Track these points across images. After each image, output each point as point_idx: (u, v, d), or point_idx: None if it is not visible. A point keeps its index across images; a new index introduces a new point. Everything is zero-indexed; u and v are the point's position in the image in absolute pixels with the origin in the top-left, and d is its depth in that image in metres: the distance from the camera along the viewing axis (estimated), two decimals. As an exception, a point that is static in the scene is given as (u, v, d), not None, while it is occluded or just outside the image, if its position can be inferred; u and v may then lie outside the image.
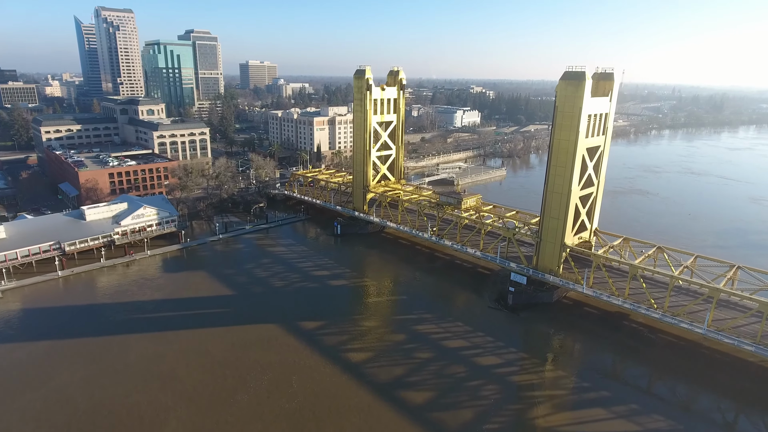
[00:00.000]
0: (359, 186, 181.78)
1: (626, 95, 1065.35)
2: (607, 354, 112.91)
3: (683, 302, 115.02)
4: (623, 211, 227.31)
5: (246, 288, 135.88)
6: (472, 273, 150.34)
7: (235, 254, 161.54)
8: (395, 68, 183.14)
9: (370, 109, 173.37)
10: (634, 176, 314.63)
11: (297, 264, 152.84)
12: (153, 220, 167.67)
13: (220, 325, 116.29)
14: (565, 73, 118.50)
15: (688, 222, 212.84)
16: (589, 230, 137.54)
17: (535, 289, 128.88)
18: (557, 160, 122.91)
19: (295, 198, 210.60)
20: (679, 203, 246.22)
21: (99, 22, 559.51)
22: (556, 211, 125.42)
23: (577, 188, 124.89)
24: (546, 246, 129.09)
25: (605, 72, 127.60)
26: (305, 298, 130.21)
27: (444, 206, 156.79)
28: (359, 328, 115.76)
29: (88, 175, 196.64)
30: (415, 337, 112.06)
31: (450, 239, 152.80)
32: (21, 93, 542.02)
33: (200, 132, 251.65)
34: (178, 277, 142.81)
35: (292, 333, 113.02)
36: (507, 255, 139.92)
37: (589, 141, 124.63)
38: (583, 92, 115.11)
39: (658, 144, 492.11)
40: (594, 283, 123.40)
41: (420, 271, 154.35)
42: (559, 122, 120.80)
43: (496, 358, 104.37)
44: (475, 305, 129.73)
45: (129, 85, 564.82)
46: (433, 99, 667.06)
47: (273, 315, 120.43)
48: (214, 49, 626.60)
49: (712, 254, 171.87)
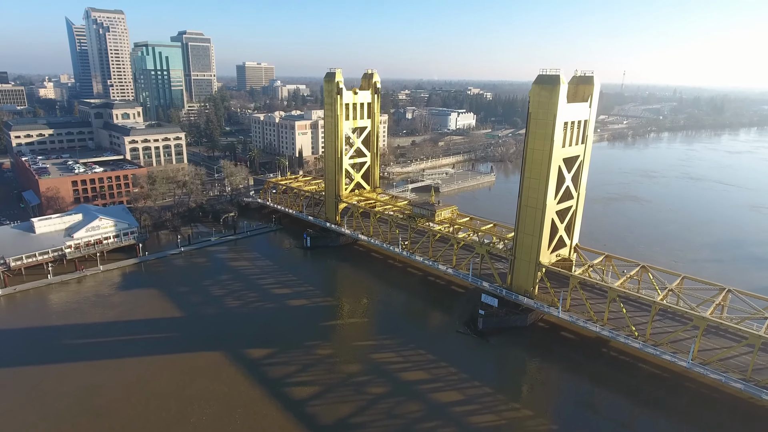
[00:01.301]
0: (331, 195, 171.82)
1: (627, 96, 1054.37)
2: (585, 385, 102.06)
3: (668, 328, 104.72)
4: (614, 219, 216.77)
5: (198, 309, 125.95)
6: (446, 291, 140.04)
7: (194, 269, 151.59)
8: (369, 71, 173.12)
9: (341, 114, 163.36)
10: (629, 181, 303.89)
11: (258, 281, 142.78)
12: (110, 232, 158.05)
13: (167, 351, 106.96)
14: (538, 76, 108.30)
15: (682, 232, 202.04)
16: (568, 246, 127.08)
17: (508, 311, 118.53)
18: (531, 171, 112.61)
19: (270, 207, 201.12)
20: (674, 211, 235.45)
21: (89, 23, 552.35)
22: (530, 227, 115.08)
23: (553, 202, 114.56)
24: (520, 264, 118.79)
25: (585, 75, 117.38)
26: (259, 321, 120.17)
27: (416, 218, 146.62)
28: (311, 356, 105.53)
29: (50, 183, 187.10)
30: (370, 367, 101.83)
31: (423, 253, 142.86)
32: (10, 95, 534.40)
33: (175, 137, 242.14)
34: (127, 296, 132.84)
35: (239, 362, 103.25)
36: (481, 272, 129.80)
37: (566, 150, 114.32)
38: (557, 98, 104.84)
39: (657, 147, 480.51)
40: (572, 305, 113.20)
41: (392, 287, 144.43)
42: (532, 130, 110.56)
43: (457, 394, 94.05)
44: (443, 329, 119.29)
45: (119, 87, 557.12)
46: (429, 101, 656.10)
47: (222, 341, 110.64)
48: (207, 51, 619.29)
49: (706, 269, 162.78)
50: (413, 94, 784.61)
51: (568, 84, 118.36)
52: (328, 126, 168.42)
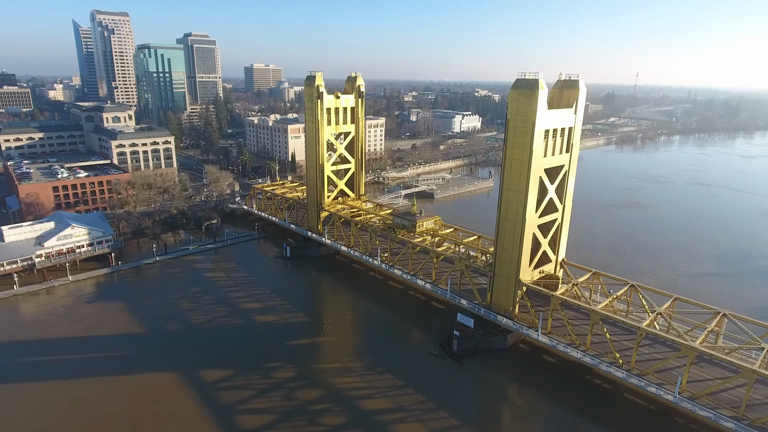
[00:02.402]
0: (313, 203, 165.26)
1: (639, 98, 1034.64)
2: (567, 414, 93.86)
3: (658, 354, 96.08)
4: (616, 228, 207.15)
5: (163, 325, 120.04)
6: (426, 307, 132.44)
7: (166, 281, 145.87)
8: (353, 74, 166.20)
9: (321, 119, 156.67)
10: (635, 187, 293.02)
11: (229, 294, 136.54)
12: (83, 240, 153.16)
13: (125, 370, 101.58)
14: (516, 81, 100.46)
15: (687, 242, 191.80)
16: (554, 262, 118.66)
17: (486, 332, 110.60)
18: (510, 182, 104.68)
19: (256, 214, 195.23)
20: (680, 219, 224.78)
21: (94, 26, 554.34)
22: (509, 242, 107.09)
23: (534, 215, 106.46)
24: (499, 282, 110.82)
25: (569, 79, 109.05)
26: (223, 339, 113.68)
27: (396, 229, 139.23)
28: (269, 380, 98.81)
29: (29, 188, 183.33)
30: (331, 393, 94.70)
31: (404, 266, 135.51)
32: (16, 97, 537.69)
33: (164, 141, 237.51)
34: (92, 309, 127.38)
35: (195, 384, 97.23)
36: (461, 288, 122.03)
37: (548, 160, 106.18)
38: (536, 104, 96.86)
39: (667, 151, 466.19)
40: (555, 326, 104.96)
41: (370, 302, 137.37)
42: (510, 139, 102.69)
43: (420, 426, 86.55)
44: (417, 350, 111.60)
45: (124, 89, 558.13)
46: (435, 103, 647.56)
47: (181, 360, 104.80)
48: (212, 53, 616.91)
49: (709, 284, 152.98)
50: (421, 96, 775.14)
51: (552, 88, 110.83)
52: (309, 131, 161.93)
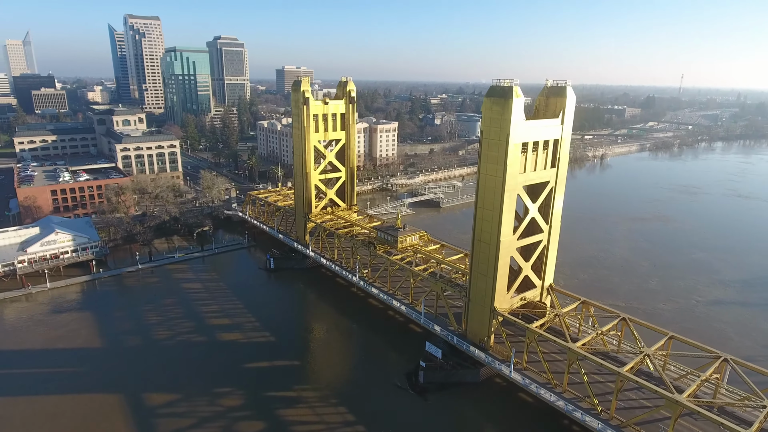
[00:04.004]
0: (300, 213, 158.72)
1: (684, 102, 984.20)
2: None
3: (645, 401, 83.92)
4: (633, 244, 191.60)
5: (124, 340, 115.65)
6: (403, 329, 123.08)
7: (142, 290, 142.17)
8: (344, 78, 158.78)
9: (308, 126, 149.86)
10: (664, 198, 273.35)
11: (201, 307, 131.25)
12: (67, 246, 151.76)
13: (77, 388, 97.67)
14: (490, 88, 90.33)
15: (712, 261, 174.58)
16: (539, 288, 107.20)
17: (457, 363, 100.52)
18: (483, 200, 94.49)
19: (250, 222, 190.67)
20: (708, 234, 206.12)
21: (127, 30, 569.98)
22: (484, 265, 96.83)
23: (512, 237, 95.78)
24: (474, 308, 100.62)
25: (556, 86, 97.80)
26: (180, 358, 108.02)
27: (376, 244, 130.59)
28: (213, 407, 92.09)
29: (28, 192, 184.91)
30: (273, 426, 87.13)
31: (384, 283, 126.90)
32: (53, 99, 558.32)
33: (169, 145, 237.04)
34: (61, 320, 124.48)
35: (138, 408, 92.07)
36: (437, 312, 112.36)
37: (528, 176, 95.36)
38: (510, 114, 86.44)
39: (706, 158, 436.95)
40: (533, 361, 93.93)
41: (345, 321, 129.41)
42: (484, 152, 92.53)
43: (361, 473, 77.87)
44: (382, 380, 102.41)
45: (153, 92, 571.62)
46: (462, 106, 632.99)
47: (132, 380, 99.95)
48: (240, 55, 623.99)
49: (730, 313, 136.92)
50: (450, 98, 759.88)
51: (538, 96, 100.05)
52: (295, 138, 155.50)
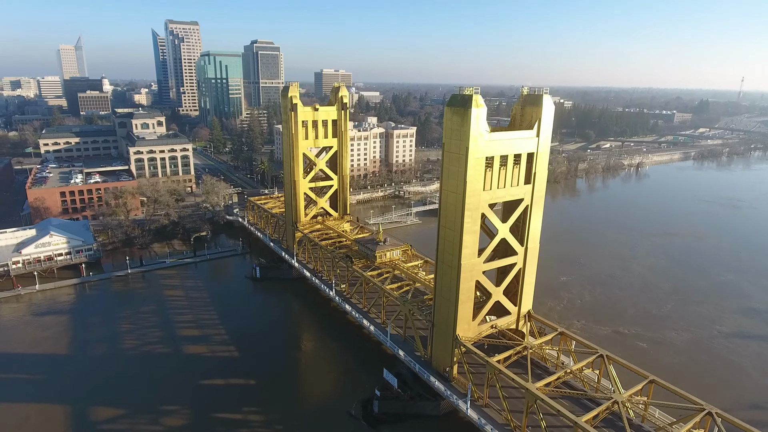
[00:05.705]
0: (289, 222, 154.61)
1: (743, 106, 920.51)
2: None
3: (616, 454, 73.56)
4: (657, 261, 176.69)
5: (92, 347, 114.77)
6: (377, 350, 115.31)
7: (124, 296, 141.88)
8: (337, 84, 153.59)
9: (296, 133, 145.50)
10: (700, 212, 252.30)
11: (175, 316, 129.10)
12: (61, 248, 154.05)
13: (35, 396, 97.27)
14: (451, 97, 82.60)
15: (742, 285, 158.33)
16: (515, 314, 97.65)
17: (417, 394, 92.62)
18: (445, 219, 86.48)
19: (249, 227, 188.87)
20: (742, 254, 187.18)
21: (167, 34, 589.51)
22: (446, 289, 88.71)
23: (476, 260, 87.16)
24: (438, 335, 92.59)
25: (533, 94, 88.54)
26: (139, 369, 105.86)
27: (353, 258, 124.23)
28: (156, 426, 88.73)
29: (38, 193, 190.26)
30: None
31: (361, 299, 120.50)
32: (96, 101, 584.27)
33: (182, 148, 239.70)
34: (40, 323, 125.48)
35: (83, 420, 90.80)
36: (406, 335, 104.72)
37: (496, 193, 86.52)
38: (469, 126, 78.30)
39: (759, 169, 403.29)
40: (496, 398, 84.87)
41: (319, 338, 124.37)
42: (445, 166, 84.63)
43: None
44: (338, 407, 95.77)
45: (190, 95, 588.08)
46: (497, 110, 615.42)
47: (88, 390, 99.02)
48: (276, 59, 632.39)
49: (754, 345, 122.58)
50: (487, 103, 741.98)
51: (514, 105, 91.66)
52: (284, 145, 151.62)
